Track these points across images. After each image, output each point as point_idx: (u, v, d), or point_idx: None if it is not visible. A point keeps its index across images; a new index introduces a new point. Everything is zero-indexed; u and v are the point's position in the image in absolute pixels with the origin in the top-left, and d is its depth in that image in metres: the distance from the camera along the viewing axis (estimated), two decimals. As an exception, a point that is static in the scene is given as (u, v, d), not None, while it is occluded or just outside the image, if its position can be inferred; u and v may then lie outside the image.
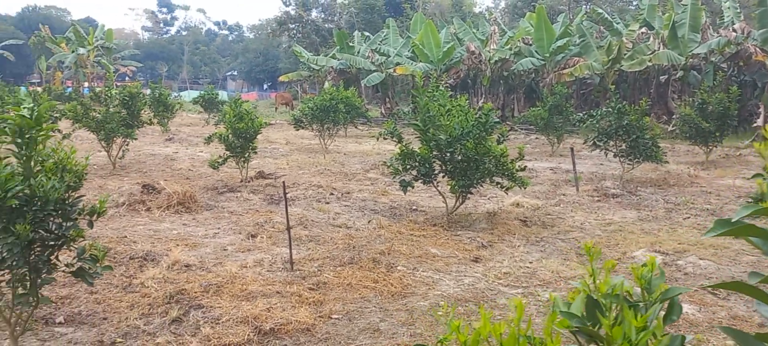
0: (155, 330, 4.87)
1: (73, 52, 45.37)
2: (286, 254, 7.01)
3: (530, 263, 6.89)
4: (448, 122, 8.39)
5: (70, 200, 4.47)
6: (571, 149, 11.57)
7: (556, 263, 6.84)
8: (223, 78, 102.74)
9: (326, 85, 29.96)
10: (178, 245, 7.42)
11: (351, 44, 33.28)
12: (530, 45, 27.43)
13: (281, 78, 39.28)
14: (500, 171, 8.46)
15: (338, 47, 33.24)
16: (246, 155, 11.53)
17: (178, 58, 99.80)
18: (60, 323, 5.05)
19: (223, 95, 37.15)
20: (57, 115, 14.04)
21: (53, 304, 5.13)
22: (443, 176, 8.84)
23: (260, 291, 5.73)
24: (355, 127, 25.49)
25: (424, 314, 5.29)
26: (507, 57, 27.47)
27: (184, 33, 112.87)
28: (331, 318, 5.18)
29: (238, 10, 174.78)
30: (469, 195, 8.93)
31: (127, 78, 51.06)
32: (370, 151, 18.71)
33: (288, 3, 59.90)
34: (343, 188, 11.70)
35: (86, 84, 46.80)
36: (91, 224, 4.62)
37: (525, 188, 8.81)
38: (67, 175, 4.45)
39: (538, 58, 26.33)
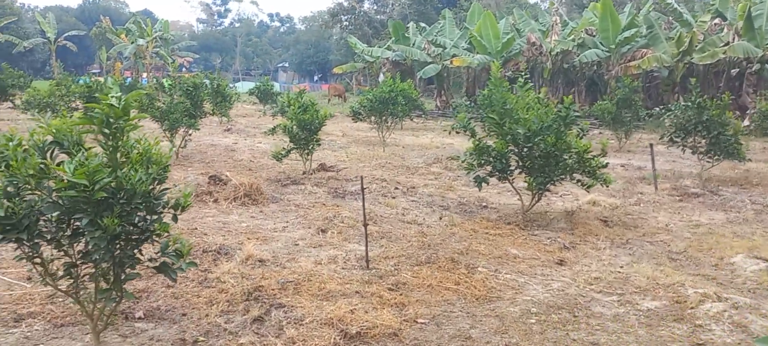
0: (237, 329, 4.68)
1: (132, 43, 46.44)
2: (359, 251, 6.78)
3: (621, 267, 6.46)
4: (527, 115, 7.99)
5: (154, 193, 4.32)
6: (651, 146, 10.98)
7: (649, 268, 6.38)
8: (275, 69, 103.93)
9: (381, 76, 29.70)
10: (249, 238, 7.28)
11: (406, 35, 32.92)
12: (594, 36, 26.52)
13: (335, 69, 39.24)
14: (582, 168, 8.02)
15: (393, 38, 32.92)
16: (310, 147, 11.37)
17: (231, 50, 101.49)
18: (140, 318, 4.93)
19: (275, 87, 37.43)
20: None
21: (136, 299, 5.00)
22: (520, 172, 8.44)
23: (339, 290, 5.50)
24: (411, 120, 25.16)
25: (517, 321, 4.95)
26: (570, 49, 26.64)
27: (237, 25, 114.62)
28: (417, 322, 4.90)
29: (290, 2, 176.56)
30: (545, 192, 8.51)
31: (183, 69, 52.03)
32: (429, 144, 18.39)
33: (341, -5, 59.82)
34: (408, 182, 11.42)
35: (145, 74, 47.90)
36: (175, 218, 4.47)
37: (607, 186, 8.34)
38: (153, 166, 4.30)
39: (602, 50, 25.43)
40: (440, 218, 8.57)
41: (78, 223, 4.17)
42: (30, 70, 55.13)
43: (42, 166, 4.11)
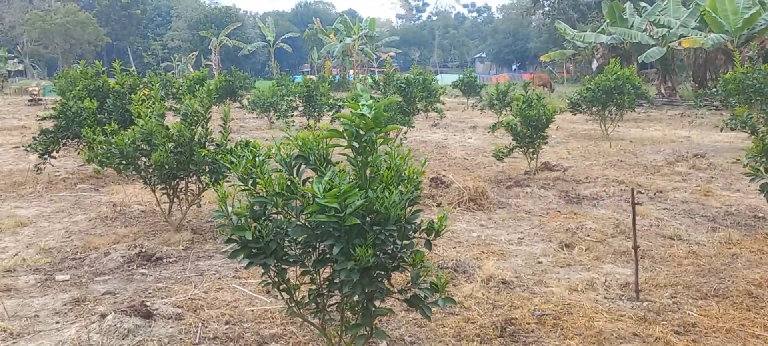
0: (498, 378, 3.92)
1: (340, 42, 48.75)
2: (619, 275, 5.70)
3: None
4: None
5: (407, 216, 3.70)
6: None
7: None
8: (471, 61, 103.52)
9: (594, 63, 27.45)
10: (484, 252, 6.54)
11: (624, 16, 30.06)
12: None
13: (542, 57, 37.37)
14: None
15: (608, 21, 30.29)
16: (535, 145, 10.35)
17: (428, 43, 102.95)
18: (384, 350, 4.38)
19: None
20: (340, 103, 14.35)
21: (389, 339, 4.44)
22: (825, 180, 6.66)
23: (612, 331, 4.48)
24: (632, 110, 22.80)
25: None
26: (833, 20, 22.25)
27: (434, 18, 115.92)
28: (732, 387, 3.73)
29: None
30: None
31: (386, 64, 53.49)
32: (661, 137, 16.30)
33: (543, -21, 57.12)
34: (650, 185, 9.91)
35: (351, 71, 50.06)
36: (429, 245, 3.82)
37: None
38: (406, 185, 3.68)
39: None
40: (711, 232, 7.09)
41: (325, 248, 3.71)
42: (252, 72, 60.63)
43: (289, 183, 3.69)
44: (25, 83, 55.49)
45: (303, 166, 3.89)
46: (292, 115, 18.31)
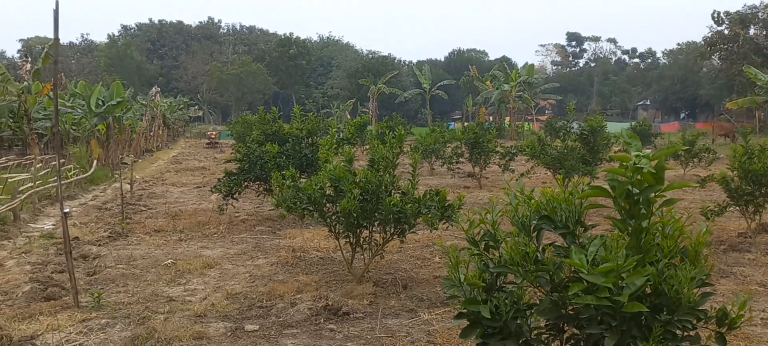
0: None
1: (497, 88, 48.05)
2: None
3: None
4: None
5: (694, 299, 2.86)
6: None
7: None
8: (634, 108, 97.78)
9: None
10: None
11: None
12: None
13: (728, 104, 33.93)
14: None
15: (808, 64, 26.85)
16: (757, 204, 8.85)
17: (586, 90, 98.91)
18: None
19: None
20: (514, 151, 13.60)
21: None
22: None
23: None
24: None
25: None
26: None
27: (592, 64, 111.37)
28: None
29: (652, 37, 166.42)
30: None
31: (546, 112, 51.93)
32: None
33: (721, 22, 52.50)
34: None
35: (507, 118, 49.04)
36: (721, 340, 2.94)
37: None
38: (698, 261, 2.85)
39: None
40: None
41: (577, 331, 2.97)
42: (405, 118, 61.48)
43: (537, 253, 3.01)
44: (204, 128, 60.85)
45: (543, 230, 3.21)
46: (457, 162, 17.82)
